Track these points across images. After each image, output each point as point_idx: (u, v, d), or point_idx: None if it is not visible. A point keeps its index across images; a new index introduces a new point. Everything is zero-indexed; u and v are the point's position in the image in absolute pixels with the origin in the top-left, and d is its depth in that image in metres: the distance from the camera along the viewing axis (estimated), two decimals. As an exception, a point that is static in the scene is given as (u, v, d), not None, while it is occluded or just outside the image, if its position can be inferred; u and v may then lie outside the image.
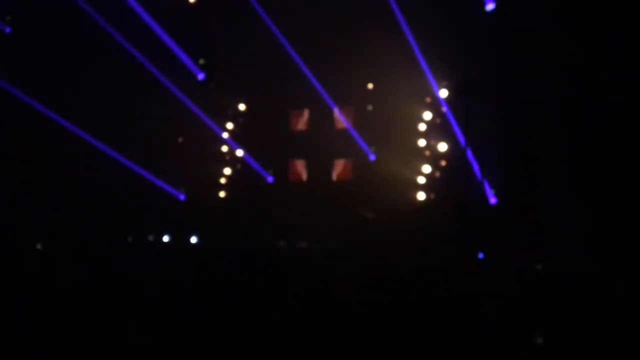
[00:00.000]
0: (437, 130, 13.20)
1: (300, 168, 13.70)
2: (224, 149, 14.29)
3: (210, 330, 6.51)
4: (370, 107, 13.41)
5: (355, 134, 13.31)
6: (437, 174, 13.15)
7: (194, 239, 13.62)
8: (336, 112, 13.43)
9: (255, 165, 13.92)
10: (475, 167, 12.27)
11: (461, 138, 12.28)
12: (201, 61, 13.43)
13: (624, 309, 6.67)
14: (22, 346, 6.11)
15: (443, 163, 13.04)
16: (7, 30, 13.03)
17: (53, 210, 12.32)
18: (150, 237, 13.51)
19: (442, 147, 13.03)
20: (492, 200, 12.44)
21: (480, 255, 11.42)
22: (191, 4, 13.49)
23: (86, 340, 6.23)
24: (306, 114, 13.78)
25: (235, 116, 14.35)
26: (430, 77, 12.79)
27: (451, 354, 6.24)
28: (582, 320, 6.43)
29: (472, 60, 12.01)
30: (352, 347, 6.28)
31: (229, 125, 14.32)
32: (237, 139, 14.29)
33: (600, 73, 10.68)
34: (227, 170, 14.28)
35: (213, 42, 13.71)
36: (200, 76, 13.52)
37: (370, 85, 13.42)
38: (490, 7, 12.11)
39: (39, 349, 6.11)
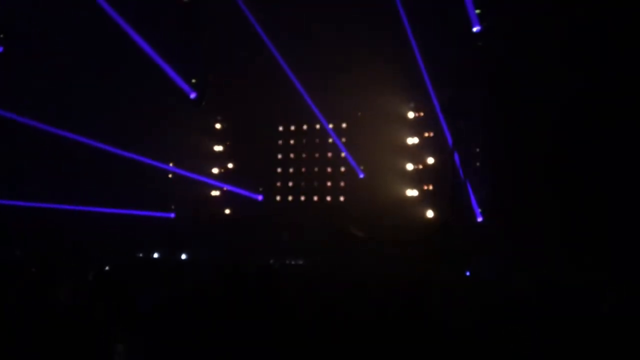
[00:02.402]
0: (426, 148, 13.35)
1: None
2: (214, 168, 14.34)
3: (199, 343, 6.52)
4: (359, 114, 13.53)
5: (345, 153, 13.41)
6: (426, 192, 13.28)
7: (183, 256, 13.63)
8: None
9: (245, 184, 13.99)
10: (463, 184, 12.37)
11: (449, 156, 12.41)
12: (193, 81, 13.45)
13: (609, 322, 6.74)
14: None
15: (431, 181, 13.17)
16: (0, 49, 12.99)
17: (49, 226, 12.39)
18: (141, 254, 13.52)
19: (430, 166, 13.17)
20: (479, 217, 12.55)
21: (467, 273, 11.46)
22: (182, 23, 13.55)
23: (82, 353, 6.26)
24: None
25: (226, 136, 14.42)
26: (418, 96, 12.96)
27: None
28: (569, 335, 6.48)
29: (461, 81, 12.14)
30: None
31: (219, 145, 14.39)
32: (226, 158, 14.37)
33: (589, 92, 10.81)
34: (217, 189, 14.33)
35: (205, 62, 13.75)
36: (193, 95, 13.54)
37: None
38: (476, 28, 12.29)
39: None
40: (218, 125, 14.36)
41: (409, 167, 13.28)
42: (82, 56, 12.87)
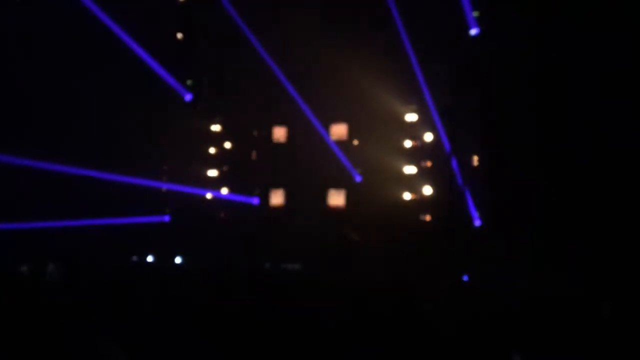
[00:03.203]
0: (423, 153, 13.28)
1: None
2: (209, 170, 14.26)
3: (195, 347, 6.51)
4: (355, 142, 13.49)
5: (341, 156, 13.35)
6: (423, 196, 13.21)
7: (178, 260, 13.55)
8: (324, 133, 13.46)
9: (240, 187, 13.91)
10: (461, 189, 12.35)
11: (448, 160, 12.36)
12: (189, 82, 13.37)
13: (609, 331, 6.70)
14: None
15: (428, 185, 13.11)
16: None
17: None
18: (134, 258, 13.43)
19: (428, 169, 13.11)
20: (477, 221, 12.48)
21: (465, 278, 11.40)
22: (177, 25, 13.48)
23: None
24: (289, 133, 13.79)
25: (221, 137, 14.35)
26: (416, 99, 12.91)
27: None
28: (568, 343, 6.45)
29: (458, 85, 12.10)
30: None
31: (214, 146, 14.31)
32: (222, 160, 14.29)
33: (587, 96, 10.80)
34: (212, 192, 14.24)
35: (200, 63, 13.69)
36: (188, 97, 13.46)
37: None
38: (474, 31, 12.24)
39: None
40: (212, 128, 14.25)
41: (406, 170, 13.21)
42: (70, 58, 12.79)
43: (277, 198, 13.76)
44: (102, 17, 12.57)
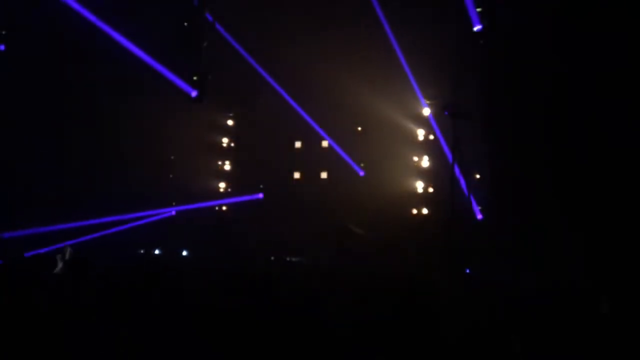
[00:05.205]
0: (425, 147, 13.34)
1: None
2: (215, 164, 14.37)
3: (198, 343, 6.57)
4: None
5: (343, 154, 13.43)
6: (425, 191, 13.28)
7: (184, 253, 13.70)
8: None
9: (245, 181, 14.02)
10: (463, 183, 12.38)
11: (449, 155, 12.39)
12: (195, 77, 13.41)
13: (608, 324, 6.74)
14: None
15: (431, 180, 13.18)
16: (2, 47, 12.91)
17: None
18: (142, 251, 13.58)
19: (431, 164, 13.17)
20: (479, 216, 12.54)
21: (467, 271, 11.46)
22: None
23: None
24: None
25: (226, 132, 14.44)
26: (419, 96, 12.95)
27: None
28: (568, 337, 6.48)
29: (461, 81, 12.11)
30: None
31: (220, 141, 14.41)
32: (228, 155, 14.40)
33: (589, 94, 10.77)
34: (218, 186, 14.38)
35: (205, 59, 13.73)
36: (194, 93, 13.52)
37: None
38: (477, 27, 12.23)
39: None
40: (218, 124, 14.36)
41: (410, 166, 13.29)
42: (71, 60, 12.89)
43: (280, 193, 13.88)
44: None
